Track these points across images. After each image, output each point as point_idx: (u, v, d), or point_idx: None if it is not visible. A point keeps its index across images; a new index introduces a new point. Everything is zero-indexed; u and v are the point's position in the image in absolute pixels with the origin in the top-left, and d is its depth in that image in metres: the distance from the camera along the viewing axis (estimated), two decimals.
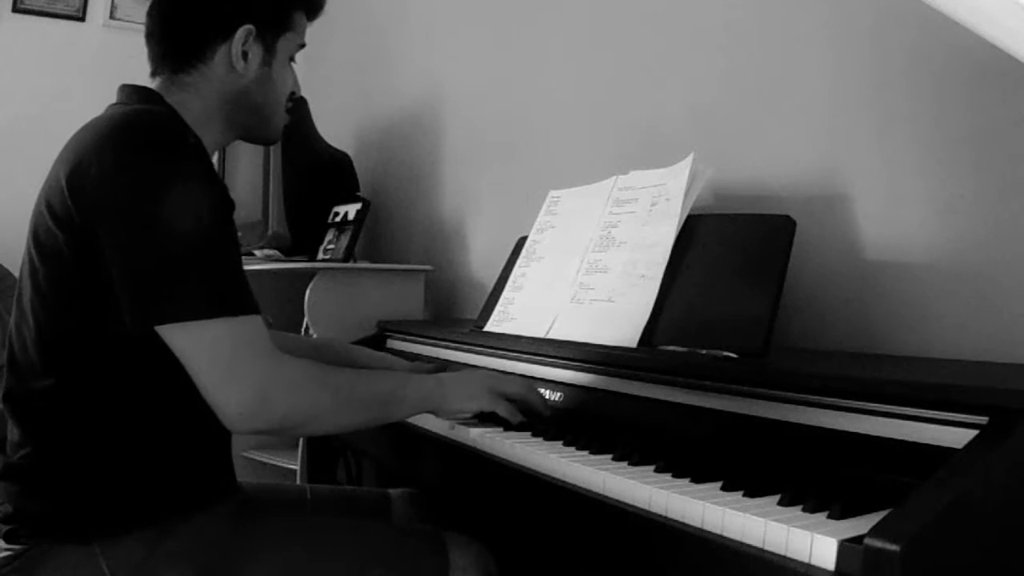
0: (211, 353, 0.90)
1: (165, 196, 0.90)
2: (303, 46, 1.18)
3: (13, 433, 0.98)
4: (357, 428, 1.06)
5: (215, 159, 2.52)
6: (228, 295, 0.92)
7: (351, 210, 2.14)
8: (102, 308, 0.91)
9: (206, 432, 0.99)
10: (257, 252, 2.27)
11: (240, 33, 1.07)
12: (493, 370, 1.29)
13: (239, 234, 2.25)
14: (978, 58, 1.03)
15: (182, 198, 0.91)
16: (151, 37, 1.10)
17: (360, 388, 1.01)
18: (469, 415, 1.10)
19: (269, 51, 1.11)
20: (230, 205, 1.01)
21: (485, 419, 1.12)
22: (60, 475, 0.96)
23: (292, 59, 1.17)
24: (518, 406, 1.08)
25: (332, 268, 1.99)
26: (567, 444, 0.98)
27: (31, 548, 0.94)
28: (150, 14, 1.11)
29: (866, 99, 1.19)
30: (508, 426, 1.09)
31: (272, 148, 2.18)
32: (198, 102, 1.08)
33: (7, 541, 0.95)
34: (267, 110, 1.14)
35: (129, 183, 0.91)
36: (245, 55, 1.09)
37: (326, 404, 0.97)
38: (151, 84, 1.10)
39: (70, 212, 0.92)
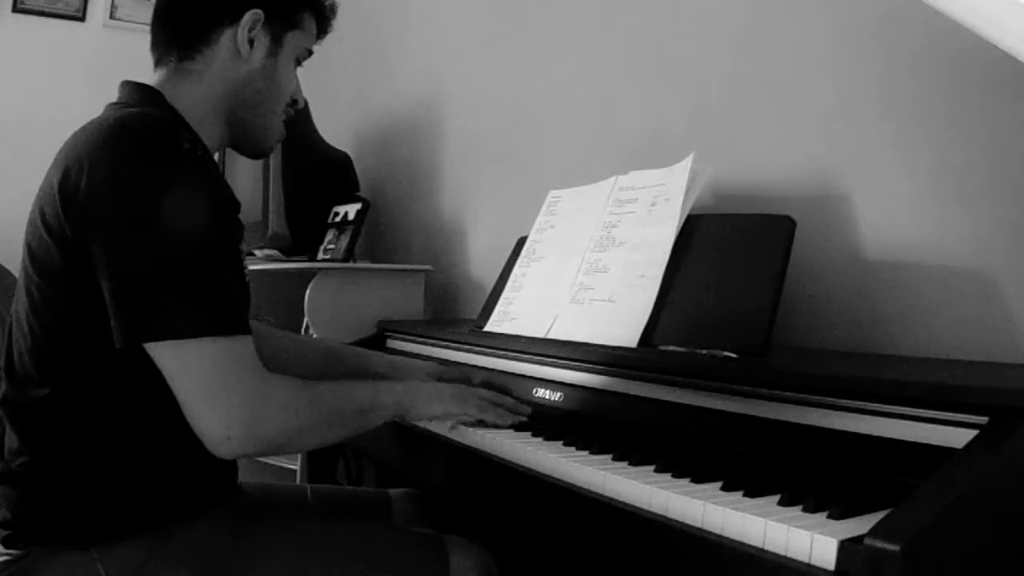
0: (197, 375, 0.88)
1: (156, 208, 0.88)
2: (311, 53, 1.17)
3: (11, 439, 0.97)
4: (337, 441, 1.06)
5: (216, 159, 2.51)
6: (216, 314, 0.89)
7: (351, 210, 2.14)
8: (95, 320, 0.90)
9: None
10: (257, 252, 2.27)
11: (248, 17, 1.06)
12: (492, 370, 1.29)
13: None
14: (980, 59, 1.03)
15: (174, 210, 0.88)
16: (158, 20, 1.09)
17: (340, 402, 1.01)
18: (436, 417, 1.10)
19: (276, 42, 1.10)
20: (233, 207, 0.99)
21: None
22: (58, 481, 0.95)
23: (299, 63, 1.16)
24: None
25: (332, 268, 1.99)
26: (567, 444, 0.98)
27: (30, 553, 0.94)
28: (158, 2, 1.10)
29: (866, 99, 1.19)
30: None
31: None
32: (200, 92, 1.06)
33: (6, 546, 0.94)
34: (267, 106, 1.12)
35: (119, 194, 0.89)
36: (251, 42, 1.07)
37: (310, 423, 0.97)
38: (154, 76, 1.08)
39: (61, 223, 0.91)
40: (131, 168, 0.90)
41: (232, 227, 0.99)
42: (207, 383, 0.89)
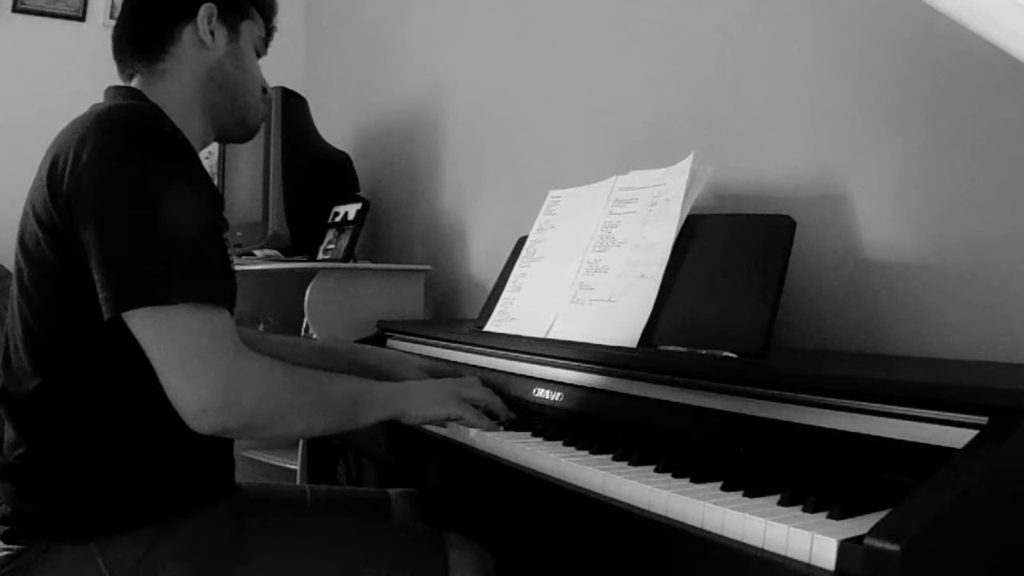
0: (174, 344, 0.88)
1: (139, 185, 0.90)
2: (266, 44, 1.23)
3: (9, 433, 0.98)
4: (321, 432, 1.04)
5: (216, 158, 2.51)
6: (194, 283, 0.90)
7: (351, 210, 2.14)
8: (86, 308, 0.90)
9: None
10: (257, 252, 2.27)
11: (203, 11, 1.12)
12: (492, 370, 1.29)
13: (238, 234, 2.23)
14: (978, 58, 1.03)
15: (155, 185, 0.90)
16: (120, 40, 1.13)
17: (327, 390, 1.00)
18: (435, 420, 1.09)
19: (233, 31, 1.16)
20: (215, 199, 1.01)
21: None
22: (56, 475, 0.96)
23: (259, 54, 1.21)
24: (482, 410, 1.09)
25: (332, 268, 1.99)
26: (567, 444, 0.98)
27: (29, 548, 0.94)
28: (116, 25, 1.14)
29: (866, 99, 1.19)
30: (507, 426, 1.09)
31: (272, 148, 2.18)
32: (177, 88, 1.11)
33: (5, 541, 0.95)
34: (242, 87, 1.17)
35: (103, 174, 0.90)
36: (212, 34, 1.13)
37: (293, 405, 0.95)
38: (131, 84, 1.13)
39: (51, 212, 0.92)
40: (113, 149, 0.92)
41: (214, 214, 1.00)
42: (183, 353, 0.88)
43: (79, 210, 0.90)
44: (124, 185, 0.90)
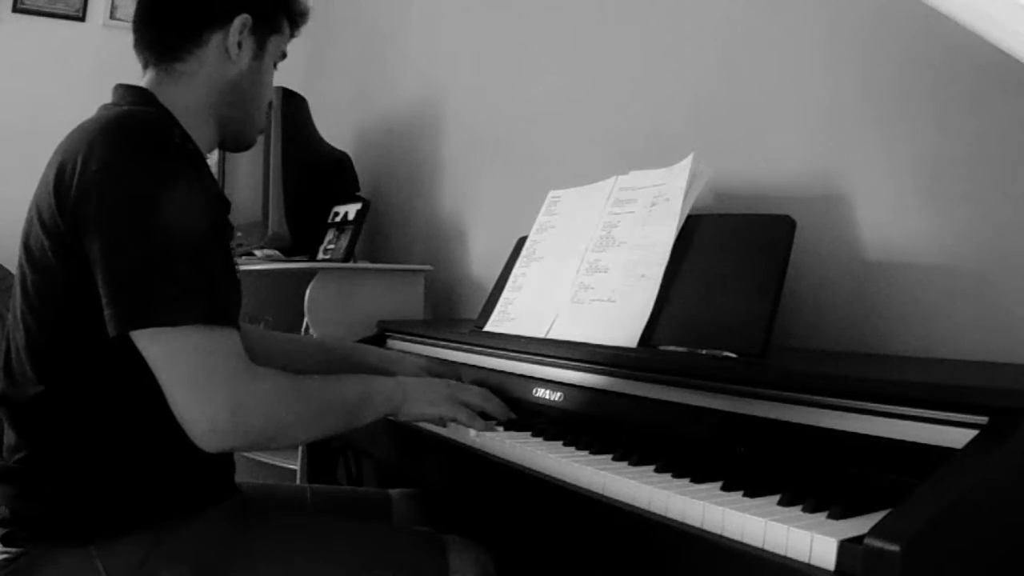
0: (183, 365, 0.88)
1: (147, 200, 0.89)
2: (285, 56, 1.21)
3: (9, 436, 0.98)
4: (327, 436, 1.05)
5: (215, 158, 2.50)
6: (203, 304, 0.89)
7: (351, 210, 2.14)
8: (90, 316, 0.90)
9: None
10: (257, 252, 2.27)
11: (238, 21, 1.09)
12: (492, 370, 1.29)
13: (239, 234, 2.22)
14: (978, 58, 1.03)
15: (165, 203, 0.89)
16: (147, 21, 1.10)
17: (328, 398, 1.00)
18: (428, 420, 1.09)
19: (260, 46, 1.14)
20: (223, 207, 1.00)
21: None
22: (56, 478, 0.96)
23: (274, 66, 1.19)
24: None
25: (332, 268, 1.99)
26: (567, 444, 0.98)
27: (29, 551, 0.94)
28: (145, 6, 1.11)
29: (866, 99, 1.19)
30: (507, 426, 1.09)
31: (272, 148, 2.18)
32: (191, 93, 1.08)
33: (4, 544, 0.94)
34: (253, 105, 1.15)
35: (111, 187, 0.89)
36: (239, 45, 1.10)
37: (298, 417, 0.96)
38: (144, 78, 1.10)
39: (56, 219, 0.91)
40: (123, 162, 0.91)
41: (222, 224, 0.99)
42: (192, 373, 0.88)
43: (86, 221, 0.89)
44: (133, 200, 0.89)
